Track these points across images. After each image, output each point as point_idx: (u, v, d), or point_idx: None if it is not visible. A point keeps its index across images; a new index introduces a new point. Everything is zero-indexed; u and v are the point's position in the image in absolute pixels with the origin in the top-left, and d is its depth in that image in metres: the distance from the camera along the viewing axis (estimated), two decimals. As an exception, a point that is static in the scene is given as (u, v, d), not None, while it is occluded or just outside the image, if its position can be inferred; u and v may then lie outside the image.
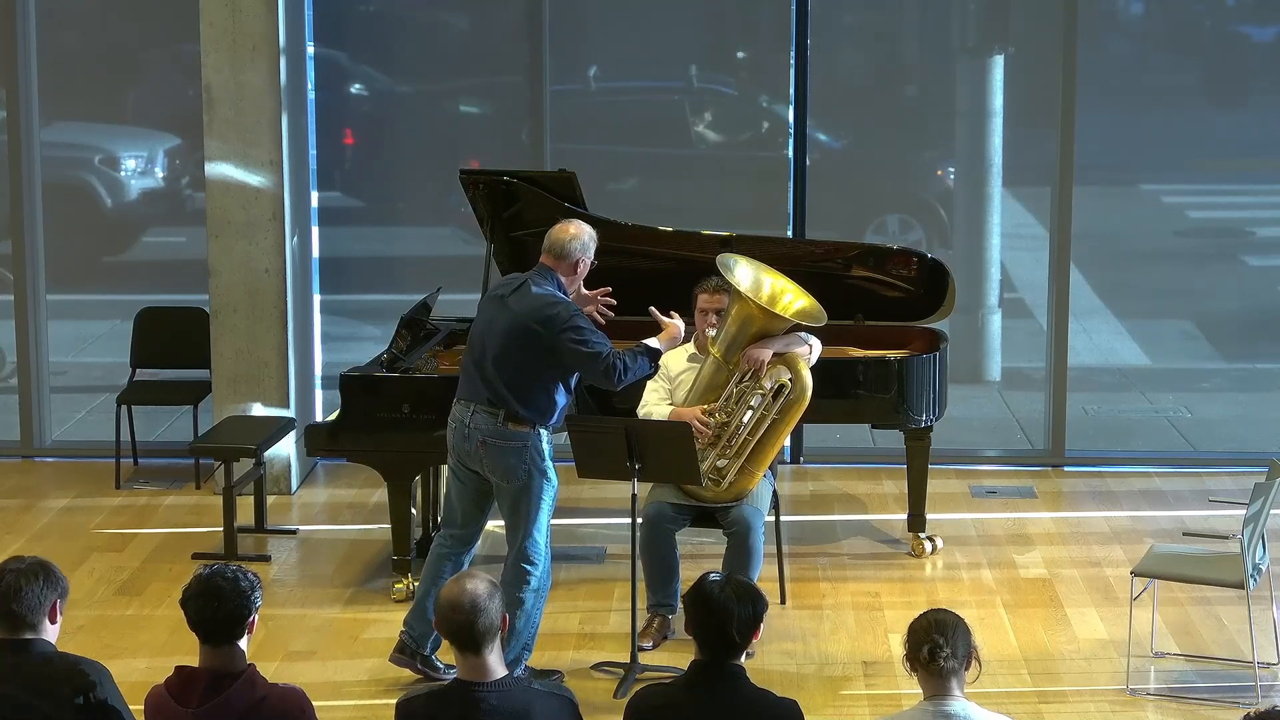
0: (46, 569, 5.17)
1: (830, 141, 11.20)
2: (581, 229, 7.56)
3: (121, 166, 11.47)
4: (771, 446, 8.08)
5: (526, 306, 7.40)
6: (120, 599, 8.69)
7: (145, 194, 11.61)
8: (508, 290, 7.52)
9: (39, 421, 10.99)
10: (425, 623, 7.57)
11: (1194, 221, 11.61)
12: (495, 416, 7.41)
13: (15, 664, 5.08)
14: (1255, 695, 7.51)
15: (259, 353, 10.16)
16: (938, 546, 9.30)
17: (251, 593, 5.00)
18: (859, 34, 11.42)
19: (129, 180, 11.53)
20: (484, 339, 7.51)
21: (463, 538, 7.67)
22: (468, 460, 7.54)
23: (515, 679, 5.06)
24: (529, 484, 7.45)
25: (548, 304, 7.37)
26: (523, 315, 7.39)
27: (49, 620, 5.16)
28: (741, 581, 5.19)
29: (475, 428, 7.45)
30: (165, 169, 11.49)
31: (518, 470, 7.43)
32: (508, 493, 7.50)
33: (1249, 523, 7.42)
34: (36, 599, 5.12)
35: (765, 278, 8.11)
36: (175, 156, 11.42)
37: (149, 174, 11.55)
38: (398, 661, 7.65)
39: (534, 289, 7.43)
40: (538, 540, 7.51)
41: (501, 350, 7.42)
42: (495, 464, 7.46)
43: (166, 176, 11.51)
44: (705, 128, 11.32)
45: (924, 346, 9.23)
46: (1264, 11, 11.33)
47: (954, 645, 4.97)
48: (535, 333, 7.34)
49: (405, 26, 11.08)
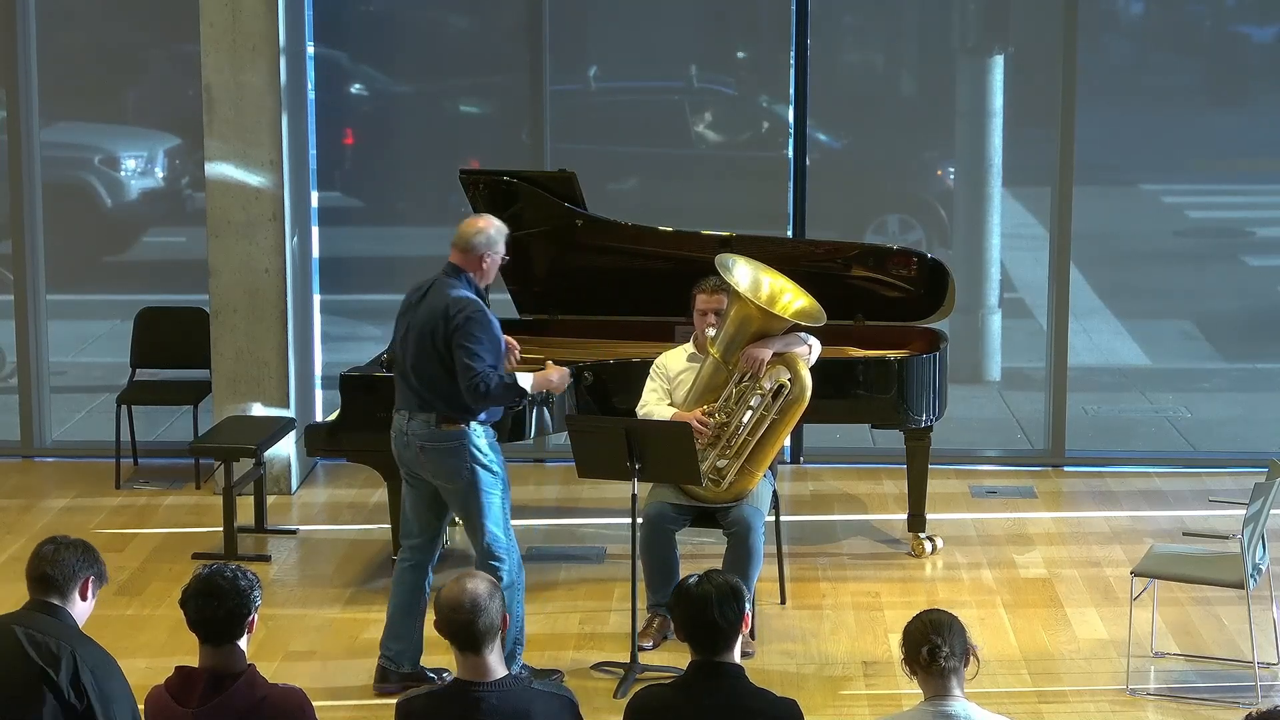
0: (88, 548, 5.30)
1: (830, 141, 11.20)
2: (489, 223, 7.45)
3: (121, 166, 11.48)
4: (771, 446, 8.07)
5: (430, 306, 7.35)
6: (120, 599, 8.69)
7: (145, 194, 11.61)
8: (418, 295, 7.46)
9: (39, 421, 10.99)
10: (400, 640, 7.56)
11: (1194, 221, 11.61)
12: (428, 421, 7.38)
13: (33, 619, 5.18)
14: (1255, 695, 7.51)
15: (259, 353, 10.16)
16: (938, 546, 9.30)
17: (251, 592, 5.00)
18: (859, 34, 11.42)
19: (129, 180, 11.53)
20: (403, 346, 7.47)
21: (421, 546, 7.63)
22: (413, 467, 7.52)
23: (515, 679, 5.06)
24: (473, 481, 7.40)
25: (449, 300, 7.29)
26: (427, 314, 7.33)
27: (79, 595, 5.24)
28: (718, 574, 5.18)
29: (412, 434, 7.43)
30: (165, 169, 11.50)
31: (459, 470, 7.40)
32: (455, 494, 7.47)
33: (1249, 523, 7.42)
34: (71, 568, 5.22)
35: (764, 278, 8.10)
36: (175, 156, 11.43)
37: (149, 174, 11.55)
38: (382, 691, 7.54)
39: (440, 288, 7.36)
40: (498, 535, 7.46)
41: (417, 354, 7.38)
42: (437, 467, 7.44)
43: (166, 176, 11.51)
44: (705, 128, 11.32)
45: (924, 346, 9.23)
46: (1264, 11, 11.33)
47: (952, 644, 4.97)
48: (438, 329, 7.28)
49: (405, 26, 11.08)
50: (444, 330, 7.27)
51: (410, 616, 7.59)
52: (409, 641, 7.58)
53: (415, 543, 7.63)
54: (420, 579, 7.61)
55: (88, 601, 5.28)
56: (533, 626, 8.20)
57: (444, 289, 7.35)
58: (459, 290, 7.33)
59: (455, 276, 7.38)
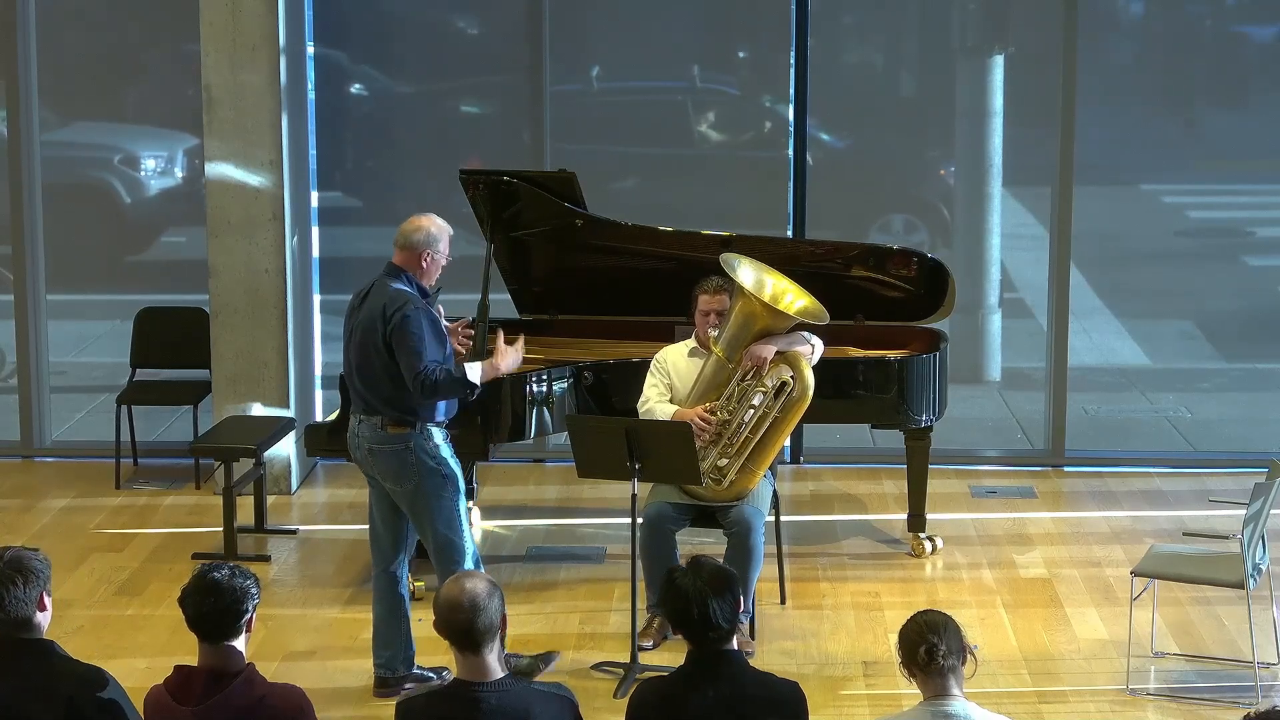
0: (21, 569, 5.05)
1: (833, 141, 11.19)
2: (431, 221, 7.40)
3: (142, 166, 11.47)
4: (773, 445, 8.07)
5: (369, 308, 7.31)
6: (120, 599, 8.69)
7: (162, 193, 11.59)
8: (359, 298, 7.43)
9: (39, 421, 10.99)
10: (389, 646, 7.56)
11: (1194, 221, 11.61)
12: (375, 424, 7.37)
13: (13, 666, 5.05)
14: (1255, 695, 7.51)
15: (259, 353, 10.16)
16: (938, 546, 9.30)
17: (249, 590, 5.00)
18: (859, 34, 11.42)
19: (148, 180, 11.53)
20: (347, 350, 7.46)
21: (388, 550, 7.60)
22: (366, 469, 7.52)
23: (515, 679, 5.05)
24: (420, 485, 7.37)
25: (388, 298, 7.25)
26: (367, 316, 7.30)
27: (38, 610, 5.10)
28: (706, 564, 5.13)
29: (362, 437, 7.42)
30: (185, 168, 11.47)
31: (405, 473, 7.38)
32: (402, 496, 7.45)
33: (1249, 523, 7.42)
34: (20, 602, 5.03)
35: (768, 278, 8.12)
36: (195, 156, 11.42)
37: (168, 173, 11.54)
38: (383, 695, 7.54)
39: (380, 288, 7.32)
40: (449, 537, 7.41)
41: (360, 356, 7.36)
42: (384, 469, 7.42)
43: (186, 176, 11.48)
44: (707, 128, 11.32)
45: (924, 346, 9.22)
46: (1264, 11, 11.33)
47: (949, 643, 4.97)
48: (378, 330, 7.25)
49: (405, 26, 11.08)
50: (383, 331, 7.22)
51: (393, 619, 7.57)
52: (397, 646, 7.56)
53: (383, 546, 7.62)
54: (393, 583, 7.59)
55: (47, 610, 5.12)
56: (533, 626, 8.21)
57: (383, 289, 7.30)
58: (396, 285, 7.28)
59: (395, 276, 7.33)
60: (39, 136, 10.84)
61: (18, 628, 5.07)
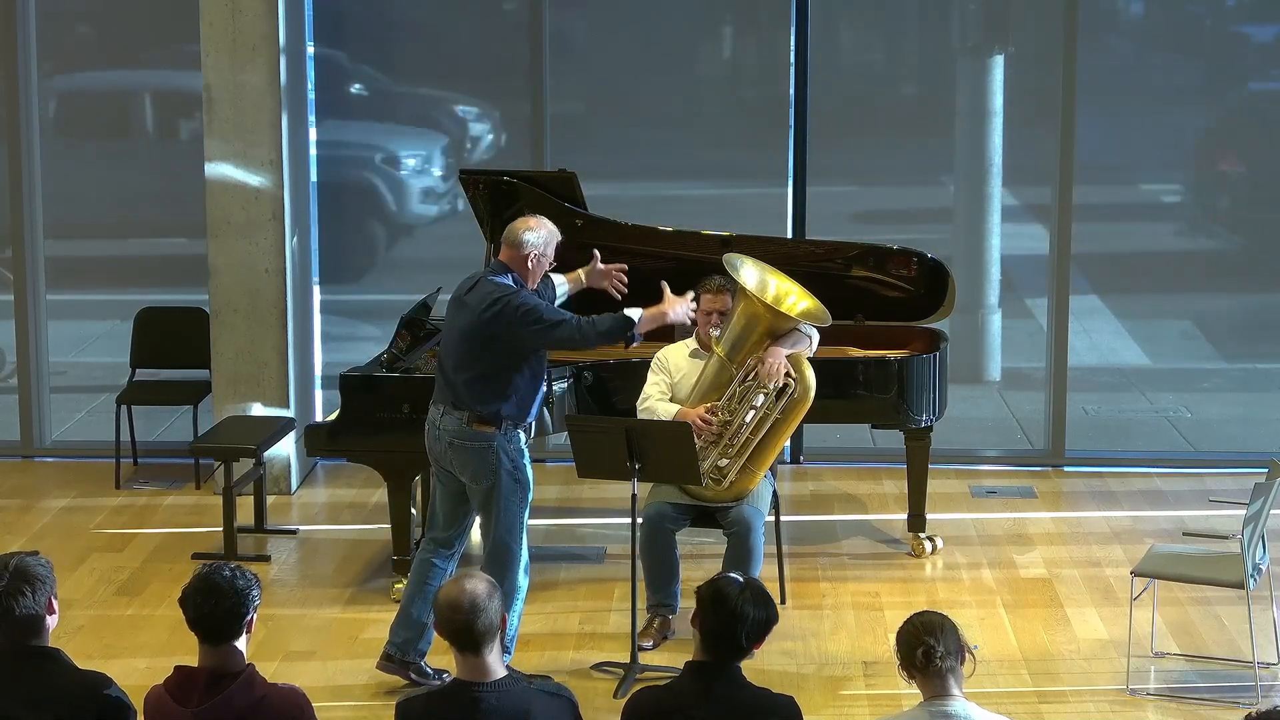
0: (28, 578, 5.05)
1: (833, 141, 11.18)
2: (542, 224, 7.48)
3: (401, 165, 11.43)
4: (773, 446, 8.08)
5: (477, 300, 7.36)
6: (120, 599, 8.69)
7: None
8: (464, 289, 7.48)
9: (39, 421, 10.99)
10: (408, 629, 7.56)
11: (1193, 221, 11.60)
12: (461, 418, 7.41)
13: (19, 672, 5.05)
14: (1255, 695, 7.51)
15: (259, 353, 10.16)
16: (938, 546, 9.30)
17: (249, 590, 5.00)
18: (859, 34, 11.42)
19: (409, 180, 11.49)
20: (447, 342, 7.51)
21: (445, 540, 7.64)
22: (442, 461, 7.54)
23: (514, 679, 5.06)
24: (496, 485, 7.42)
25: (496, 293, 7.30)
26: (475, 310, 7.35)
27: (47, 614, 5.11)
28: (760, 588, 5.16)
29: (444, 429, 7.45)
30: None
31: (483, 471, 7.42)
32: (477, 493, 7.49)
33: (1249, 523, 7.42)
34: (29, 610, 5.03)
35: (770, 279, 8.11)
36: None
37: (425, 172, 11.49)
38: (385, 668, 7.60)
39: (483, 285, 7.38)
40: (510, 545, 7.46)
41: (462, 351, 7.40)
42: (463, 464, 7.46)
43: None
44: (707, 126, 11.32)
45: (924, 346, 9.22)
46: (1264, 11, 11.33)
47: (946, 643, 4.97)
48: (488, 325, 7.30)
49: (405, 26, 11.08)
50: (499, 322, 7.27)
51: (423, 605, 7.56)
52: (416, 631, 7.57)
53: (439, 535, 7.65)
54: (434, 573, 7.60)
55: (54, 613, 5.13)
56: (533, 626, 8.20)
57: (488, 284, 7.38)
58: (500, 279, 7.35)
59: (500, 273, 7.40)
60: (39, 137, 10.83)
61: (27, 635, 5.08)
